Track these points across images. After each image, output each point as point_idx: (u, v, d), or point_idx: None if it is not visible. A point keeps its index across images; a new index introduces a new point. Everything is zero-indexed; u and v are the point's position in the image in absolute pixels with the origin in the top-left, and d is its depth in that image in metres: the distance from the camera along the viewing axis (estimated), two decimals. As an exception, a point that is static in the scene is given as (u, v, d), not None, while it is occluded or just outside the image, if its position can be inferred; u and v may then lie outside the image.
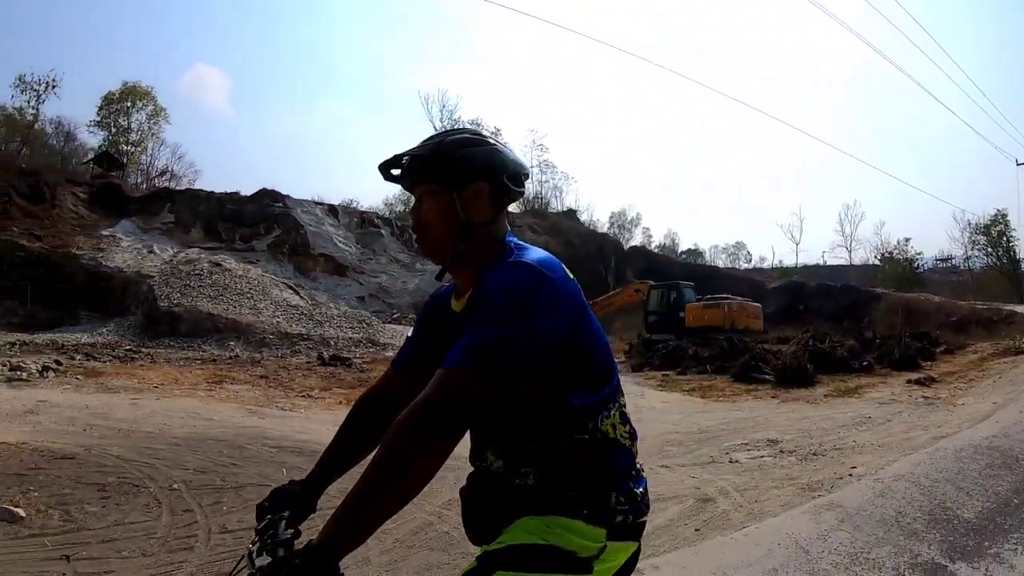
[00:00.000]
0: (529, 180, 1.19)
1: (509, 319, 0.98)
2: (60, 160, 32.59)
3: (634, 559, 1.17)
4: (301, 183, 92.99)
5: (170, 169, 37.86)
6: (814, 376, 11.40)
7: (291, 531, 1.13)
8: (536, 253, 1.11)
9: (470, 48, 79.07)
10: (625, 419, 1.18)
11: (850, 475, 4.72)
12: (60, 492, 4.03)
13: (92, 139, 34.66)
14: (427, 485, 0.94)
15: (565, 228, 38.07)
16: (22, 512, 3.66)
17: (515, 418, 1.12)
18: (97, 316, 22.45)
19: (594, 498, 1.09)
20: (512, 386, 0.98)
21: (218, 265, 25.06)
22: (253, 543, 1.11)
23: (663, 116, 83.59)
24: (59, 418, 6.73)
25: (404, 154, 1.19)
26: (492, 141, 1.20)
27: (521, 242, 1.18)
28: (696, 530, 3.75)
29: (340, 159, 75.12)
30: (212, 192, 29.38)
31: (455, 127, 1.24)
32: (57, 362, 12.37)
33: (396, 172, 1.21)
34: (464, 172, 1.16)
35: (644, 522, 1.17)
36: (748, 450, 6.13)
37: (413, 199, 1.22)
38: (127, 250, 25.35)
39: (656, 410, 9.16)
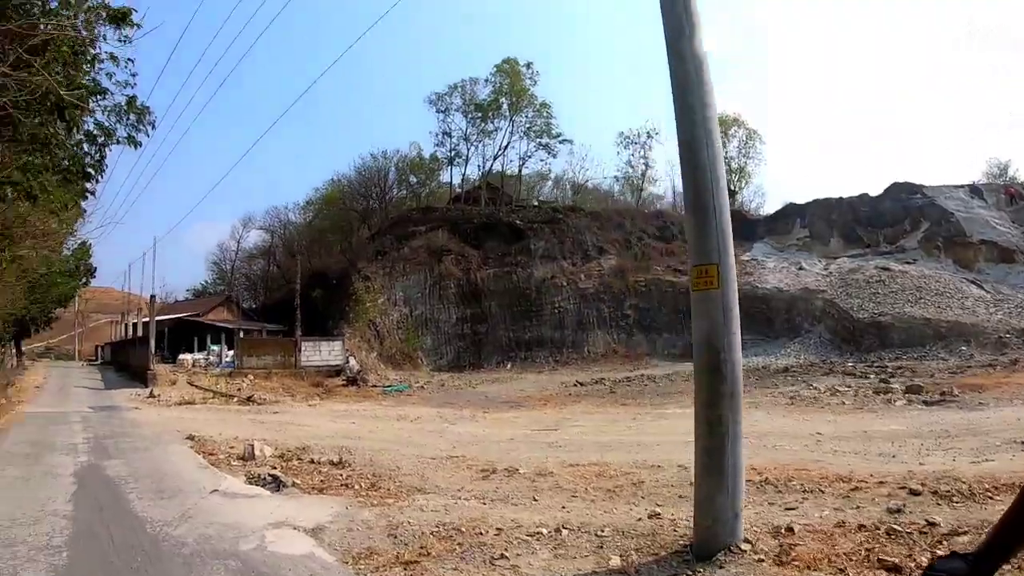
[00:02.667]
0: None
1: None
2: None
3: None
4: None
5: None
6: None
7: None
8: None
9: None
10: None
11: None
12: None
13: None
14: None
15: None
16: None
17: None
18: (760, 338, 24.09)
19: None
20: None
21: (886, 269, 26.04)
22: None
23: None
24: None
25: None
26: None
27: None
28: None
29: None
30: (841, 198, 30.51)
31: None
32: (883, 381, 14.91)
33: None
34: None
35: None
36: None
37: None
38: (775, 270, 27.27)
39: None
